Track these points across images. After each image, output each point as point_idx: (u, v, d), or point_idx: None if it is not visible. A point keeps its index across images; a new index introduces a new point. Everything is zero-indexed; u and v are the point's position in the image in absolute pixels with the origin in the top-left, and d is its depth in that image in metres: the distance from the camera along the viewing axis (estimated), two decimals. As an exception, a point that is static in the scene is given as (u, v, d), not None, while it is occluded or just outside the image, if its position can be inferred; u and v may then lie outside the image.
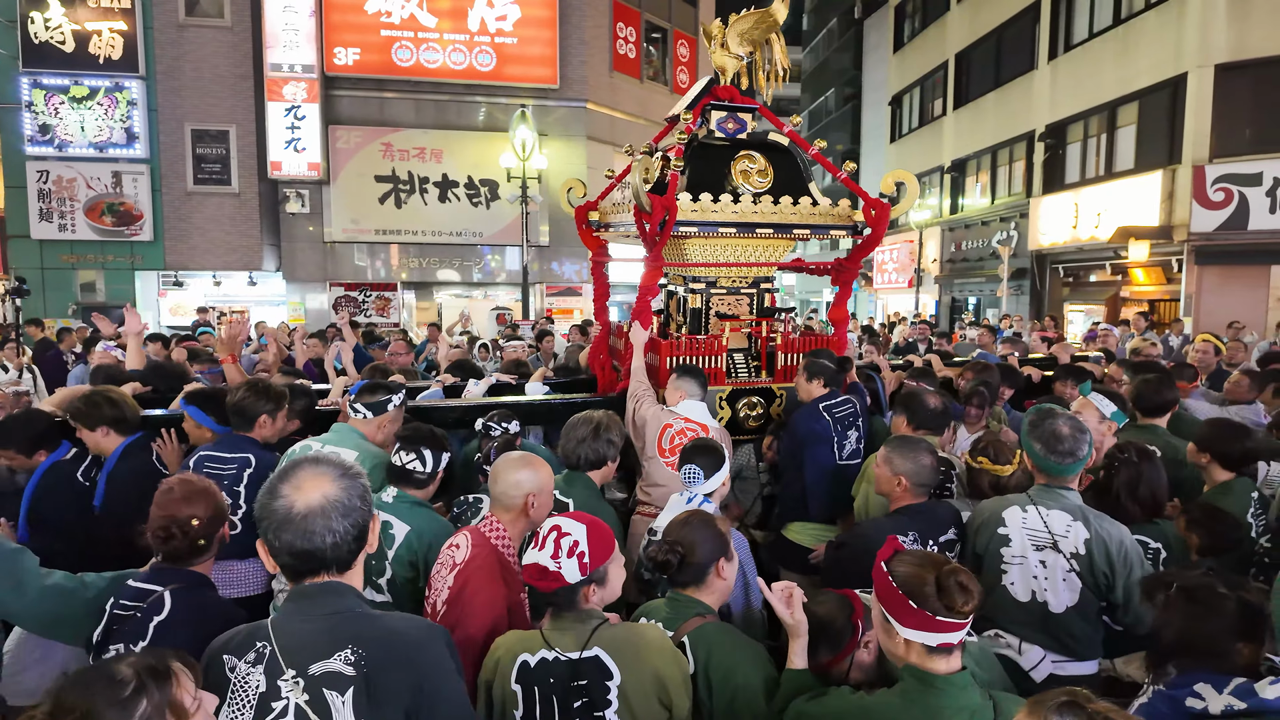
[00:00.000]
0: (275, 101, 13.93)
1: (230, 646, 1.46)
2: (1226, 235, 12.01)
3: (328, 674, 1.37)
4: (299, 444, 3.05)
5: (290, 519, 1.42)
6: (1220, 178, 11.94)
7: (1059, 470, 2.43)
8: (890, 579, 1.66)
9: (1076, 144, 15.56)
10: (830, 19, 34.32)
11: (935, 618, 1.59)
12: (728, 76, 4.16)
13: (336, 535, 1.44)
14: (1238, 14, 11.89)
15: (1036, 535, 2.40)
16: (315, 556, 1.43)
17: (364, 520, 1.49)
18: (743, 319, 4.14)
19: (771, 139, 4.13)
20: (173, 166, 14.02)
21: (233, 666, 1.43)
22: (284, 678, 1.38)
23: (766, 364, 4.08)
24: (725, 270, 4.09)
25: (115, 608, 1.91)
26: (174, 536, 1.96)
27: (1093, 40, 14.96)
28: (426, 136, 14.86)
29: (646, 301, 3.93)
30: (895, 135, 24.88)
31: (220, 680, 1.42)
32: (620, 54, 16.35)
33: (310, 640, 1.40)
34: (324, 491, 1.45)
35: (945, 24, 20.92)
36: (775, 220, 3.80)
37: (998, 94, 18.40)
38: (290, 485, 1.45)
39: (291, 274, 14.91)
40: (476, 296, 16.19)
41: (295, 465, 1.50)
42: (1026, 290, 17.03)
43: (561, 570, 1.80)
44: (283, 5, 13.81)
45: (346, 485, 1.47)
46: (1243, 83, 11.98)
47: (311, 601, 1.45)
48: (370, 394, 3.06)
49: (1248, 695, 1.57)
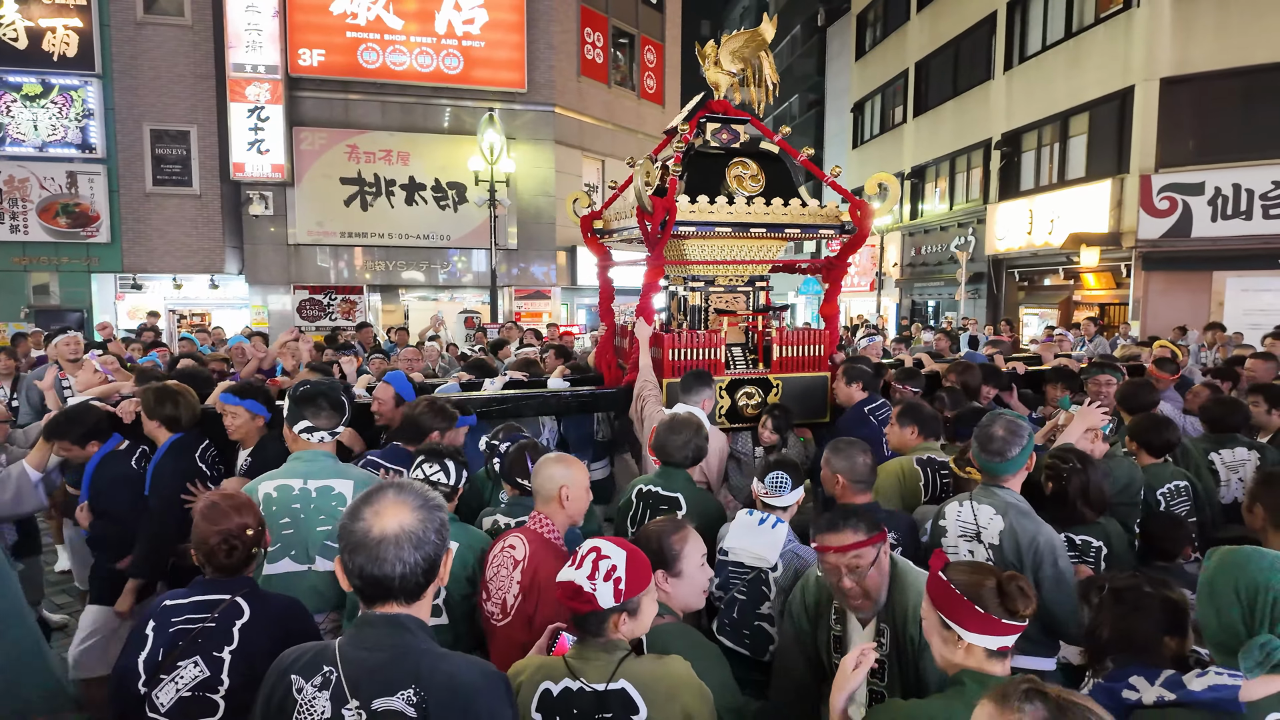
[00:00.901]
0: (238, 102, 13.74)
1: (298, 666, 1.49)
2: (1171, 242, 12.52)
3: (389, 711, 1.39)
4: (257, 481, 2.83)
5: (365, 543, 1.44)
6: (1165, 187, 12.45)
7: (991, 469, 2.61)
8: (952, 586, 1.69)
9: (1031, 152, 16.04)
10: (794, 26, 34.80)
11: (1000, 621, 1.64)
12: (721, 91, 4.47)
13: (406, 566, 1.44)
14: (1181, 30, 12.42)
15: (966, 527, 2.60)
16: (383, 584, 1.45)
17: (436, 554, 1.49)
18: (740, 314, 4.50)
19: (763, 147, 4.45)
20: (130, 167, 13.73)
21: (300, 687, 1.46)
22: (348, 707, 1.41)
23: (763, 356, 4.42)
24: (722, 268, 4.42)
25: (165, 628, 1.98)
26: (236, 548, 2.07)
27: (1046, 52, 15.45)
28: (393, 139, 14.78)
29: (649, 299, 4.21)
30: (857, 141, 25.33)
31: (285, 698, 1.46)
32: (588, 59, 16.45)
33: (375, 673, 1.42)
34: (401, 521, 1.46)
35: (905, 33, 21.39)
36: (768, 220, 4.13)
37: (956, 103, 18.87)
38: (371, 510, 1.47)
39: (254, 277, 14.70)
40: (444, 299, 16.13)
41: (380, 490, 1.52)
42: (983, 294, 17.50)
43: (596, 593, 1.73)
44: (245, 5, 13.63)
45: (424, 517, 1.48)
46: (1186, 96, 12.50)
47: (376, 631, 1.47)
48: (340, 411, 2.86)
49: (1177, 687, 1.70)
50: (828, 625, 2.28)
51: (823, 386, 4.49)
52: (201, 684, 1.93)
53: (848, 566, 2.07)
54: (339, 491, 2.73)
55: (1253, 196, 11.82)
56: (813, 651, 2.33)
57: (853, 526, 2.08)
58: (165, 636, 1.97)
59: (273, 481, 2.73)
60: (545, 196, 15.64)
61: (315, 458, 2.78)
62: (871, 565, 2.07)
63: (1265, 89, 11.82)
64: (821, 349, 4.47)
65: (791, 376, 4.42)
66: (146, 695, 1.93)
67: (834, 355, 4.56)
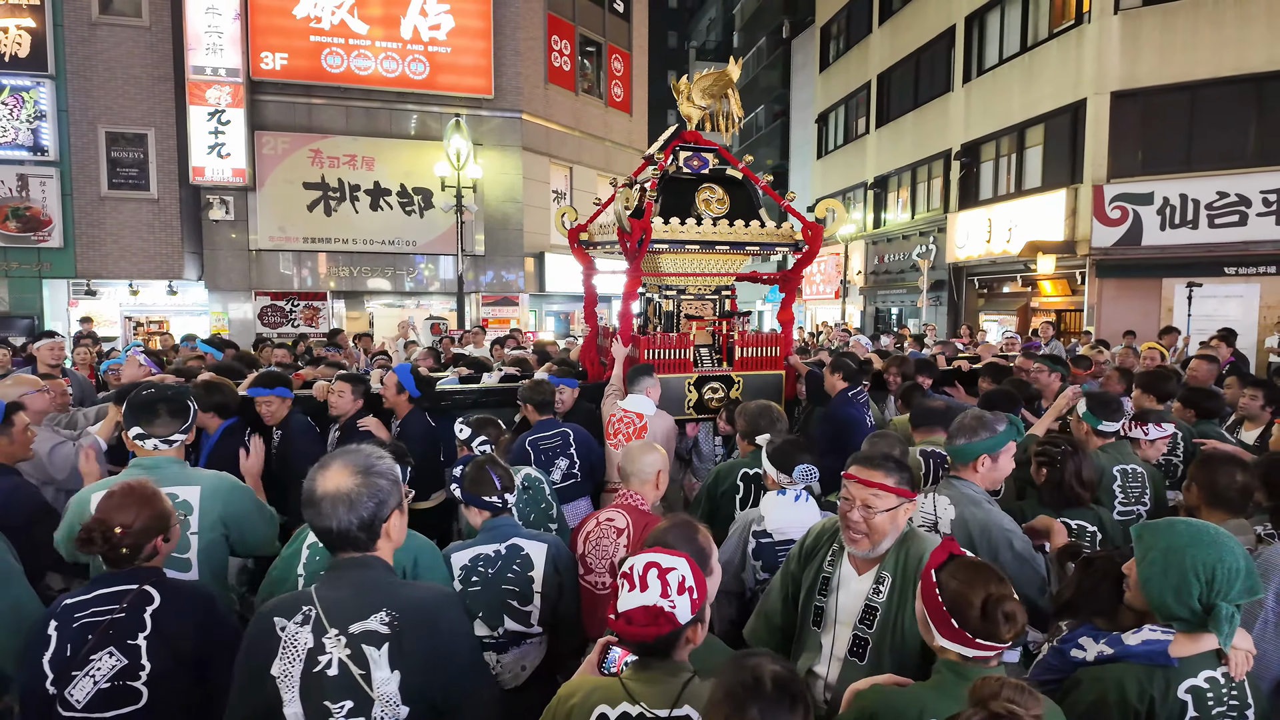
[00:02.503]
0: (197, 105, 13.49)
1: (279, 609, 1.64)
2: (1123, 250, 12.93)
3: (366, 632, 1.59)
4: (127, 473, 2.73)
5: (311, 500, 1.65)
6: (1116, 196, 12.87)
7: (953, 453, 2.74)
8: (938, 592, 1.66)
9: (989, 162, 16.46)
10: (759, 37, 35.28)
11: (973, 639, 1.60)
12: (693, 123, 5.05)
13: (342, 522, 1.64)
14: (1129, 46, 12.88)
15: (926, 517, 2.69)
16: (326, 535, 1.66)
17: (373, 515, 1.66)
18: (707, 319, 5.11)
19: (728, 174, 5.04)
20: (84, 170, 13.40)
21: (283, 626, 1.61)
22: (328, 635, 1.59)
23: (727, 356, 5.01)
24: (692, 279, 5.04)
25: (69, 624, 1.95)
26: (124, 540, 2.04)
27: (1002, 65, 15.89)
28: (357, 144, 14.64)
29: (628, 322, 4.83)
30: (821, 151, 25.73)
31: (270, 637, 1.60)
32: (555, 66, 16.49)
33: (348, 603, 1.62)
34: (339, 484, 1.64)
35: (868, 46, 21.83)
36: (731, 238, 4.74)
37: (916, 114, 19.29)
38: (321, 473, 1.67)
39: (214, 283, 14.42)
40: (410, 305, 15.99)
41: (333, 455, 1.71)
42: (945, 301, 17.87)
43: (675, 610, 1.60)
44: (205, 7, 13.42)
45: (361, 482, 1.65)
46: (1134, 109, 12.96)
47: (345, 572, 1.67)
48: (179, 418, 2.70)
49: (1116, 644, 1.83)
50: (819, 565, 2.29)
51: (778, 383, 5.04)
52: (120, 673, 1.93)
53: (864, 501, 2.11)
54: (184, 499, 2.58)
55: (1199, 206, 12.28)
56: (793, 591, 2.34)
57: (887, 470, 2.13)
58: (70, 632, 1.94)
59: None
60: (513, 202, 15.62)
61: (157, 464, 2.62)
62: (886, 511, 2.10)
63: (1207, 104, 12.31)
64: (778, 350, 5.03)
65: (751, 374, 4.95)
66: (58, 695, 1.90)
67: (789, 356, 5.10)
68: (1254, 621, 2.20)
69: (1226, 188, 12.06)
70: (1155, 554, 1.81)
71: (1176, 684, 1.75)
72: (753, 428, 3.45)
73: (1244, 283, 12.30)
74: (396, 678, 1.59)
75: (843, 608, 2.19)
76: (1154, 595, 1.80)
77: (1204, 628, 1.74)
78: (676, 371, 4.72)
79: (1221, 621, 1.71)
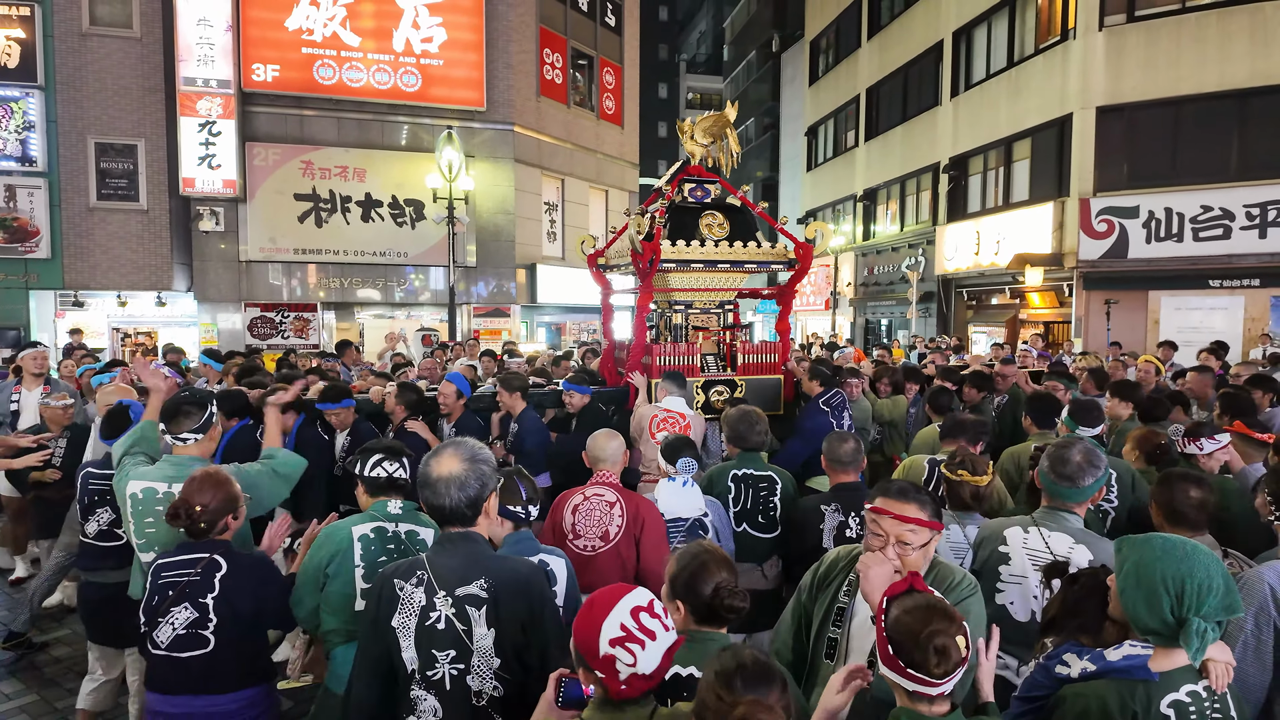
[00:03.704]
0: (188, 116, 13.47)
1: (398, 573, 1.97)
2: (1110, 263, 13.06)
3: (468, 595, 1.91)
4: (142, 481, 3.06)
5: (428, 482, 1.94)
6: (1103, 210, 13.00)
7: (1063, 494, 2.60)
8: (883, 618, 1.63)
9: (977, 176, 16.61)
10: (749, 51, 35.58)
11: (905, 670, 1.56)
12: (696, 159, 5.77)
13: (453, 500, 1.93)
14: (1113, 62, 13.06)
15: (1037, 555, 2.52)
16: (439, 511, 1.96)
17: (478, 495, 1.96)
18: (712, 330, 5.82)
19: (729, 202, 5.72)
20: (73, 181, 13.33)
21: (401, 586, 1.94)
22: (438, 595, 1.91)
23: (730, 362, 5.68)
24: (698, 294, 5.75)
25: (158, 582, 2.47)
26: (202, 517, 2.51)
27: (989, 80, 16.07)
28: (349, 155, 14.64)
29: (641, 340, 5.49)
30: (811, 164, 25.91)
31: (391, 596, 1.94)
32: (547, 79, 16.56)
33: (455, 570, 1.93)
34: (450, 469, 1.95)
35: (857, 60, 22.04)
36: (732, 258, 5.40)
37: (905, 127, 19.47)
38: (435, 459, 1.97)
39: (204, 294, 14.34)
40: (400, 317, 15.94)
41: (445, 445, 2.03)
42: (934, 313, 17.98)
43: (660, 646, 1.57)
44: (197, 19, 13.42)
45: (469, 468, 1.96)
46: (1119, 124, 13.12)
47: (453, 544, 1.98)
48: (189, 417, 3.02)
49: (1098, 660, 1.83)
50: (833, 595, 2.22)
51: (777, 386, 5.60)
52: (193, 624, 2.43)
53: (899, 538, 2.04)
54: None
55: (1183, 220, 12.42)
56: (803, 626, 2.29)
57: (919, 502, 2.07)
58: (158, 588, 2.46)
59: (140, 483, 2.95)
60: (505, 214, 15.63)
61: (182, 463, 2.98)
62: (920, 548, 2.06)
63: (1191, 119, 12.49)
64: (776, 357, 5.62)
65: (752, 378, 5.53)
66: (147, 634, 2.45)
67: (786, 362, 5.65)
68: (1235, 644, 2.18)
69: (1210, 201, 12.22)
70: (1130, 566, 1.81)
71: (1158, 699, 1.74)
72: (735, 433, 3.72)
73: (1228, 295, 12.45)
74: (492, 634, 1.89)
75: (857, 637, 2.13)
76: (1129, 607, 1.80)
77: (1178, 642, 1.74)
78: (686, 376, 5.12)
79: (1191, 636, 1.69)
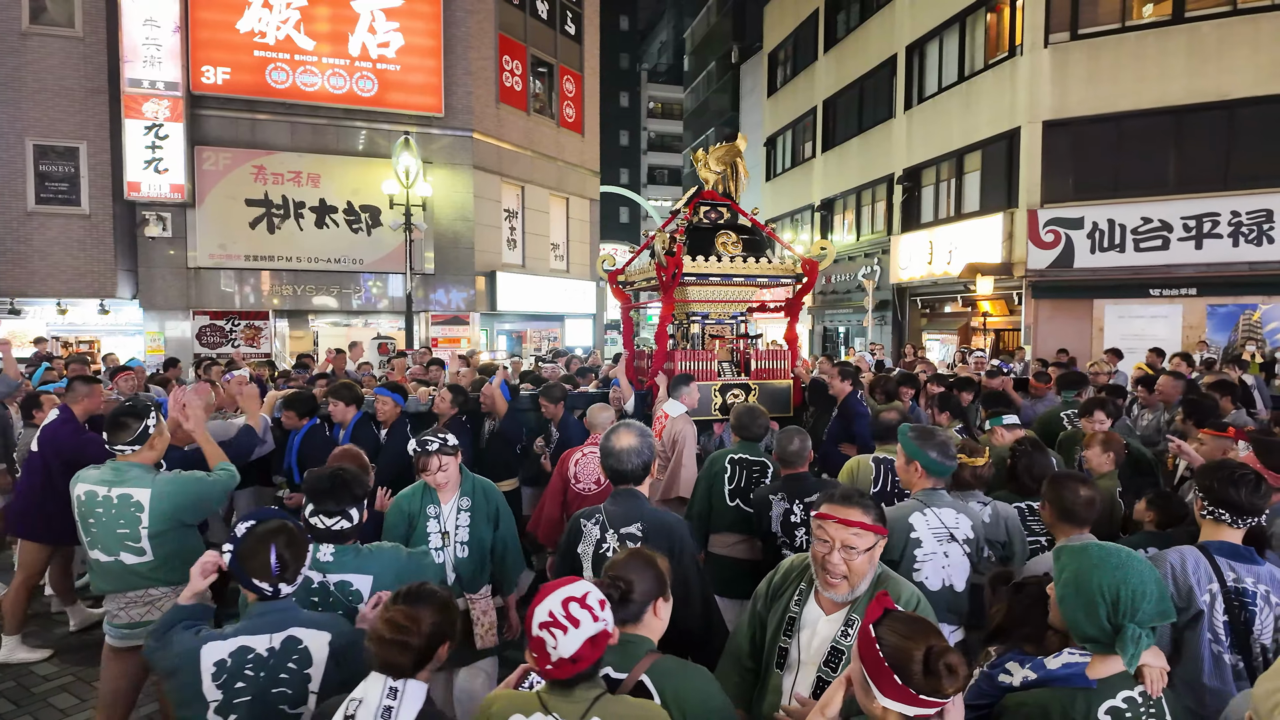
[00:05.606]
0: (133, 119, 13.08)
1: (585, 514, 2.79)
2: (1057, 272, 13.45)
3: (629, 534, 2.67)
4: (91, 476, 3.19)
5: (612, 451, 2.76)
6: (1050, 220, 13.40)
7: (945, 472, 3.00)
8: (878, 647, 1.58)
9: (930, 187, 16.98)
10: (709, 62, 35.93)
11: (918, 695, 1.53)
12: (710, 184, 6.40)
13: (633, 464, 2.75)
14: (1059, 77, 13.49)
15: (939, 531, 2.88)
16: (620, 474, 2.77)
17: (647, 460, 2.77)
18: (727, 339, 6.43)
19: (740, 222, 6.29)
20: (9, 184, 12.83)
21: (584, 524, 2.76)
22: (609, 532, 2.68)
23: (744, 368, 6.17)
24: (714, 306, 6.28)
25: None
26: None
27: (941, 94, 16.46)
28: (302, 160, 14.37)
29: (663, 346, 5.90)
30: (770, 174, 26.20)
31: (578, 531, 2.76)
32: (507, 86, 16.50)
33: (621, 515, 2.70)
34: (629, 442, 2.75)
35: (814, 72, 22.39)
36: (745, 272, 5.95)
37: (861, 139, 19.83)
38: (615, 435, 2.78)
39: (150, 302, 13.91)
40: (356, 325, 15.66)
41: (621, 424, 2.84)
42: (889, 321, 18.30)
43: (608, 625, 1.69)
44: (143, 19, 13.06)
45: (640, 441, 2.77)
46: (1064, 137, 13.55)
47: (623, 496, 2.77)
48: (125, 429, 3.13)
49: (1039, 668, 1.86)
50: (786, 604, 2.25)
51: (787, 390, 6.06)
52: None
53: (844, 542, 2.08)
54: (136, 499, 3.07)
55: (1125, 231, 12.86)
56: (758, 632, 2.31)
57: (863, 507, 2.12)
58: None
59: (83, 486, 3.13)
60: (464, 221, 15.49)
61: (121, 468, 3.12)
62: (867, 552, 2.09)
63: (1131, 133, 12.96)
64: (786, 363, 6.13)
65: (764, 382, 6.01)
66: None
67: (795, 368, 6.12)
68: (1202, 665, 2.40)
69: (1150, 213, 12.68)
70: (1069, 575, 1.83)
71: (1097, 706, 1.76)
72: (739, 424, 4.18)
73: (1168, 304, 12.91)
74: None
75: (807, 647, 2.15)
76: (1068, 615, 1.83)
77: (1114, 649, 1.76)
78: (705, 380, 5.70)
79: (1127, 643, 1.72)
